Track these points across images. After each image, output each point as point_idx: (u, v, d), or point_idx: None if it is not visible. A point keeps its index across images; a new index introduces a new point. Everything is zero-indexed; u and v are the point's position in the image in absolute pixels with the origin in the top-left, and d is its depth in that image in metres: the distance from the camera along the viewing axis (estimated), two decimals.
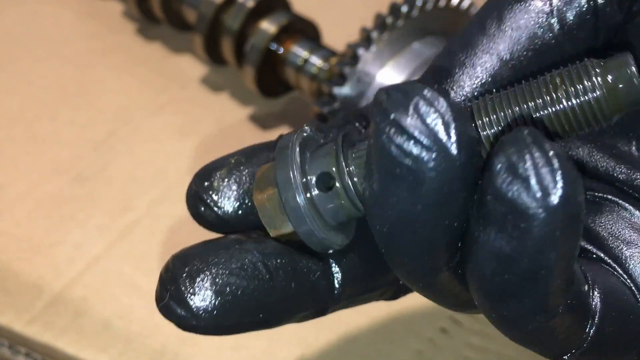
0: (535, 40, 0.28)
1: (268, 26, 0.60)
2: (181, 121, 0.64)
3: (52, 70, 0.67)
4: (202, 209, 0.29)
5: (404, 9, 0.52)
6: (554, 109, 0.25)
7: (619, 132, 0.30)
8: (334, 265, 0.28)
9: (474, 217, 0.23)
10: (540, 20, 0.28)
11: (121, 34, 0.71)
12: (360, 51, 0.52)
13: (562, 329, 0.26)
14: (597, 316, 0.26)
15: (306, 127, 0.28)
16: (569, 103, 0.25)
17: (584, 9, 0.28)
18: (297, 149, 0.27)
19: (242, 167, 0.29)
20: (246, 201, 0.29)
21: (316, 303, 0.28)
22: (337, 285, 0.28)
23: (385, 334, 0.50)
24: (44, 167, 0.60)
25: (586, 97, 0.24)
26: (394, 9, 0.53)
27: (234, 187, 0.29)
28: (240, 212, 0.28)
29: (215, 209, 0.28)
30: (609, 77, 0.24)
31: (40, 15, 0.72)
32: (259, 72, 0.61)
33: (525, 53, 0.28)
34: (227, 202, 0.28)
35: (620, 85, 0.24)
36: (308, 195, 0.26)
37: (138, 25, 0.72)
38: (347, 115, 0.31)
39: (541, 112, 0.25)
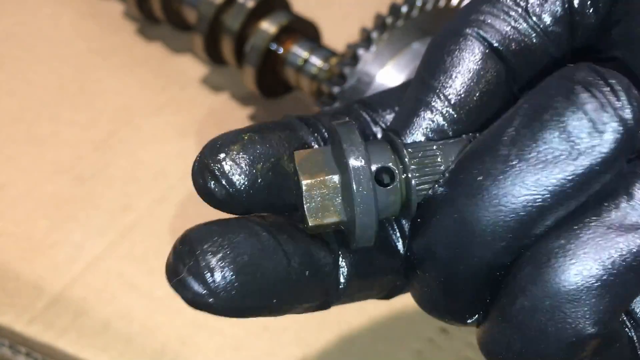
0: (512, 31, 0.29)
1: (268, 26, 0.60)
2: (181, 121, 0.64)
3: (52, 71, 0.67)
4: (212, 183, 0.27)
5: (404, 9, 0.52)
6: None
7: None
8: (341, 259, 0.28)
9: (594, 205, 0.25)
10: (515, 13, 0.29)
11: (121, 34, 0.71)
12: (360, 51, 0.52)
13: (589, 352, 0.25)
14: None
15: (352, 121, 0.28)
16: None
17: (559, 5, 0.29)
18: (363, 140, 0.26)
19: (257, 146, 0.28)
20: (259, 180, 0.27)
21: (323, 295, 0.28)
22: (342, 280, 0.28)
23: (385, 334, 0.50)
24: (44, 167, 0.60)
25: None
26: (394, 9, 0.53)
27: (248, 165, 0.27)
28: (251, 191, 0.27)
29: (226, 184, 0.27)
30: None
31: (40, 16, 0.73)
32: (259, 73, 0.61)
33: (505, 42, 0.29)
34: (240, 178, 0.27)
35: None
36: (375, 189, 0.26)
37: (138, 26, 0.72)
38: (350, 104, 0.31)
39: None
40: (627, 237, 0.24)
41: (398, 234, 0.29)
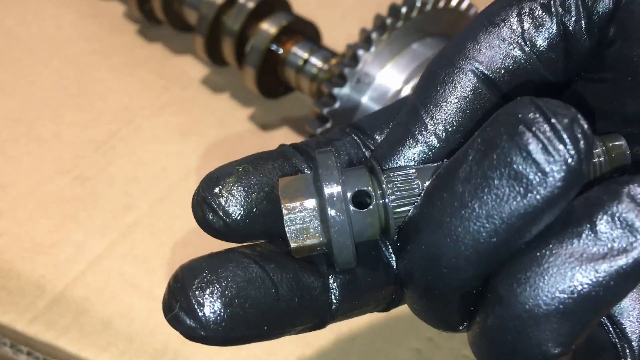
0: (508, 60, 0.30)
1: (268, 27, 0.61)
2: (182, 121, 0.64)
3: (54, 71, 0.68)
4: (210, 215, 0.28)
5: (404, 10, 0.53)
6: None
7: None
8: (332, 282, 0.29)
9: (558, 230, 0.25)
10: (511, 41, 0.30)
11: (122, 35, 0.71)
12: (360, 52, 0.52)
13: None
14: None
15: (332, 149, 0.29)
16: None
17: (554, 32, 0.30)
18: (339, 168, 0.28)
19: (250, 176, 0.29)
20: (254, 210, 0.29)
21: (315, 317, 0.29)
22: (334, 301, 0.29)
23: (385, 333, 0.51)
24: (45, 167, 0.60)
25: (594, 160, 0.29)
26: (394, 10, 0.53)
27: (243, 195, 0.29)
28: (247, 220, 0.28)
29: (223, 215, 0.28)
30: (610, 146, 0.29)
31: (41, 17, 0.73)
32: (260, 73, 0.61)
33: (501, 72, 0.29)
34: (236, 209, 0.28)
35: (616, 154, 0.29)
36: (349, 213, 0.27)
37: (139, 26, 0.72)
38: (343, 127, 0.32)
39: None
40: (587, 268, 0.25)
41: (391, 250, 0.29)
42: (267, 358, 0.50)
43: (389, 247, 0.29)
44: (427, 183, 0.28)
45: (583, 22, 0.30)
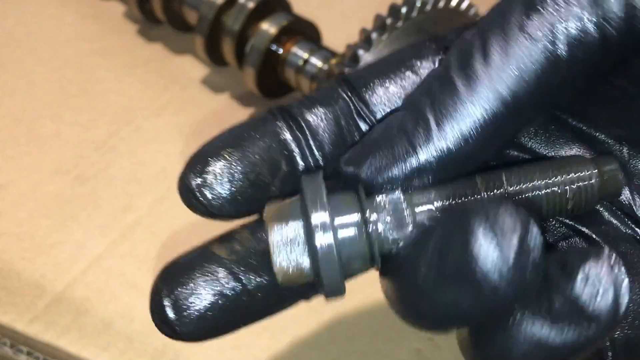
0: (536, 75, 0.27)
1: (268, 27, 0.61)
2: (182, 121, 0.64)
3: (54, 71, 0.68)
4: (194, 202, 0.29)
5: (404, 10, 0.53)
6: (551, 190, 0.28)
7: None
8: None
9: (531, 313, 0.25)
10: (544, 55, 0.26)
11: (122, 35, 0.72)
12: (360, 52, 0.52)
13: None
14: None
15: (321, 172, 0.28)
16: (566, 187, 0.28)
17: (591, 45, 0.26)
18: (326, 194, 0.27)
19: (234, 164, 0.29)
20: (238, 197, 0.29)
21: (298, 300, 0.29)
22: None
23: (384, 332, 0.51)
24: (45, 167, 0.60)
25: (582, 184, 0.28)
26: (394, 10, 0.53)
27: (227, 185, 0.29)
28: (231, 206, 0.29)
29: (206, 203, 0.29)
30: (603, 170, 0.28)
31: (41, 16, 0.73)
32: (260, 73, 0.61)
33: (527, 88, 0.27)
34: (219, 198, 0.29)
35: (608, 177, 0.28)
36: (337, 241, 0.26)
37: (139, 26, 0.72)
38: (334, 86, 0.30)
39: (538, 192, 0.28)
40: (544, 346, 0.25)
41: None
42: (267, 358, 0.50)
43: None
44: (418, 211, 0.27)
45: None
